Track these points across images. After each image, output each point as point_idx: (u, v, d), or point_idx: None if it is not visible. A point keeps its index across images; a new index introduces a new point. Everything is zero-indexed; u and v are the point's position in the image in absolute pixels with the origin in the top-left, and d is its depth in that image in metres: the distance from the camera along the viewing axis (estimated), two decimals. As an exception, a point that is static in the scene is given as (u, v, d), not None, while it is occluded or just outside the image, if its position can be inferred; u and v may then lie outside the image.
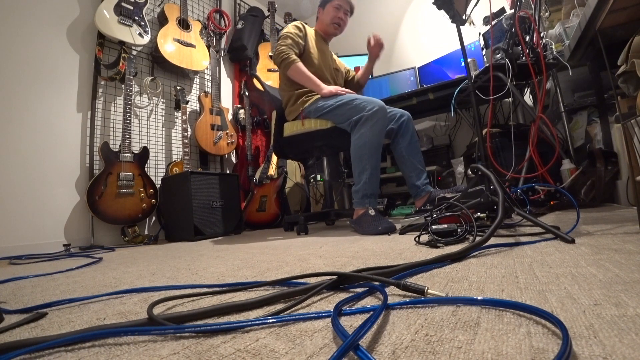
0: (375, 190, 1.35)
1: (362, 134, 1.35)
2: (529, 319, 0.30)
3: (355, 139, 1.38)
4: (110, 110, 2.13)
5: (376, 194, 1.36)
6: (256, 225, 2.44)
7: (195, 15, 2.75)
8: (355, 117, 1.39)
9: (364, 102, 1.39)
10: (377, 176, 1.36)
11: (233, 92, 3.08)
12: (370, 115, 1.34)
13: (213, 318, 0.40)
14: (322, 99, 1.51)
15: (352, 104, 1.42)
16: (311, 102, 1.54)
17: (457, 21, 1.18)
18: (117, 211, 1.91)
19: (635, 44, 0.92)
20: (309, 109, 1.55)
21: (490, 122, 1.78)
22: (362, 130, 1.36)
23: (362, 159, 1.35)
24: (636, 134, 0.70)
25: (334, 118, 1.49)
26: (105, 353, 0.32)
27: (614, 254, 0.52)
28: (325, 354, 0.28)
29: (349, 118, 1.42)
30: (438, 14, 1.61)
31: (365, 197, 1.33)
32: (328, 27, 1.68)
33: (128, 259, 1.17)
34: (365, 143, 1.34)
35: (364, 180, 1.34)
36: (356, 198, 1.36)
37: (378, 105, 1.35)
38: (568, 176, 1.45)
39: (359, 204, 1.34)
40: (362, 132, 1.36)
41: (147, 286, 0.62)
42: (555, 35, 1.57)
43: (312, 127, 1.55)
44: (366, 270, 0.53)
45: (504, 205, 0.83)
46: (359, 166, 1.36)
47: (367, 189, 1.33)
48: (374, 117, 1.34)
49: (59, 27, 1.97)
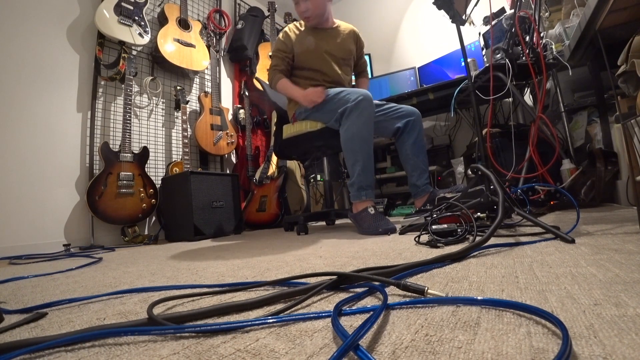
0: (370, 182, 1.33)
1: (350, 126, 1.34)
2: (529, 319, 0.30)
3: (344, 132, 1.36)
4: (110, 110, 2.13)
5: (372, 185, 1.34)
6: (256, 225, 2.44)
7: (195, 15, 2.75)
8: (341, 110, 1.37)
9: (347, 94, 1.37)
10: (371, 167, 1.34)
11: (233, 92, 3.08)
12: (354, 106, 1.32)
13: (213, 318, 0.40)
14: None
15: (336, 97, 1.41)
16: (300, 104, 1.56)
17: (457, 21, 1.18)
18: (117, 211, 1.91)
19: (635, 44, 0.92)
20: (300, 110, 1.57)
21: (490, 122, 1.78)
22: (348, 122, 1.34)
23: (353, 151, 1.34)
24: (636, 134, 0.70)
25: (322, 117, 1.48)
26: (105, 353, 0.32)
27: (614, 254, 0.52)
28: (325, 354, 0.28)
29: (335, 111, 1.40)
30: (438, 14, 1.61)
31: (361, 190, 1.32)
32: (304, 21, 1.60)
33: (128, 259, 1.17)
34: (354, 134, 1.33)
35: (357, 172, 1.33)
36: (352, 191, 1.35)
37: (362, 95, 1.33)
38: (568, 176, 1.45)
39: (356, 197, 1.34)
40: (349, 124, 1.34)
41: (147, 286, 0.62)
42: (555, 35, 1.57)
43: (303, 129, 1.56)
44: (366, 270, 0.53)
45: (504, 205, 0.83)
46: (351, 159, 1.35)
47: (361, 180, 1.32)
48: (358, 106, 1.32)
49: (59, 27, 1.97)
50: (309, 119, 1.54)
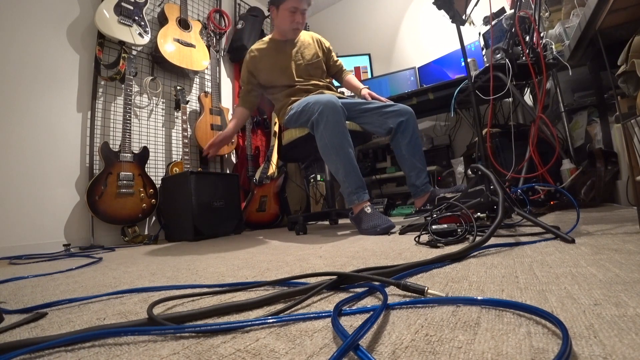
0: (358, 183, 1.33)
1: (320, 137, 1.34)
2: (529, 319, 0.30)
3: (318, 143, 1.37)
4: (110, 110, 2.13)
5: (362, 186, 1.33)
6: (256, 225, 2.44)
7: (195, 15, 2.75)
8: (309, 124, 1.39)
9: (311, 104, 1.37)
10: (354, 169, 1.33)
11: (233, 92, 3.08)
12: (318, 117, 1.33)
13: (213, 318, 0.40)
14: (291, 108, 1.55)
15: (303, 109, 1.42)
16: (286, 115, 1.60)
17: (457, 21, 1.18)
18: (117, 211, 1.91)
19: (635, 44, 0.92)
20: (286, 120, 1.61)
21: (490, 122, 1.78)
22: (318, 133, 1.35)
23: (332, 161, 1.34)
24: (636, 134, 0.70)
25: (302, 125, 1.50)
26: (105, 353, 0.32)
27: (614, 254, 0.52)
28: (325, 354, 0.28)
29: (306, 123, 1.42)
30: (438, 14, 1.61)
31: (352, 194, 1.32)
32: (287, 33, 1.61)
33: (128, 259, 1.17)
34: (326, 144, 1.33)
35: (341, 179, 1.33)
36: (345, 198, 1.36)
37: (322, 104, 1.32)
38: (568, 176, 1.45)
39: (350, 202, 1.34)
40: (319, 135, 1.35)
41: (147, 286, 0.62)
42: (555, 35, 1.57)
43: (294, 135, 1.60)
44: (366, 270, 0.53)
45: (504, 205, 0.83)
46: (332, 167, 1.36)
47: (349, 185, 1.32)
48: (322, 117, 1.32)
49: (59, 27, 1.97)
50: (294, 128, 1.58)
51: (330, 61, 1.77)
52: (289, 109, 1.58)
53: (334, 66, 1.78)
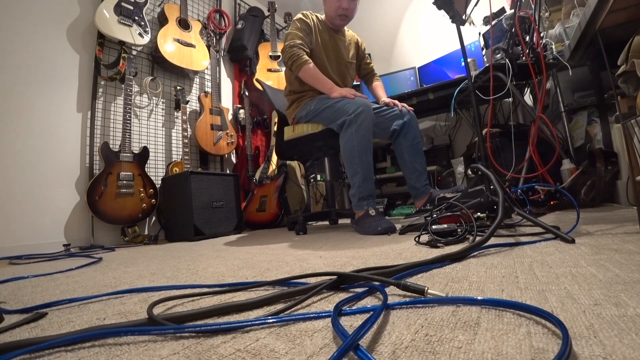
0: (371, 191, 1.33)
1: (348, 139, 1.33)
2: (529, 319, 0.30)
3: (343, 143, 1.36)
4: (110, 110, 2.13)
5: (373, 194, 1.34)
6: (256, 225, 2.44)
7: (195, 15, 2.75)
8: (340, 121, 1.37)
9: (347, 104, 1.35)
10: (371, 177, 1.34)
11: (233, 92, 3.08)
12: (353, 119, 1.32)
13: (213, 318, 0.40)
14: (310, 103, 1.50)
15: (335, 106, 1.39)
16: (300, 109, 1.55)
17: (457, 21, 1.18)
18: (117, 211, 1.91)
19: (635, 44, 0.92)
20: (300, 115, 1.56)
21: (490, 122, 1.78)
22: (347, 134, 1.34)
23: (353, 164, 1.33)
24: (636, 134, 0.70)
25: (322, 121, 1.48)
26: (105, 353, 0.32)
27: (614, 254, 0.52)
28: (325, 354, 0.28)
29: (334, 121, 1.40)
30: (438, 14, 1.60)
31: (362, 200, 1.32)
32: (334, 19, 1.55)
33: (128, 259, 1.17)
34: (353, 147, 1.32)
35: (358, 183, 1.32)
36: (354, 201, 1.35)
37: (361, 107, 1.31)
38: (568, 176, 1.45)
39: (357, 207, 1.34)
40: (348, 137, 1.33)
41: (147, 286, 0.62)
42: (555, 35, 1.57)
43: (304, 131, 1.56)
44: (366, 270, 0.53)
45: (504, 205, 0.83)
46: (351, 169, 1.35)
47: (362, 191, 1.32)
48: (357, 119, 1.31)
49: (59, 27, 1.97)
50: (311, 123, 1.54)
51: (363, 63, 1.75)
52: (309, 100, 1.52)
53: (366, 68, 1.76)
